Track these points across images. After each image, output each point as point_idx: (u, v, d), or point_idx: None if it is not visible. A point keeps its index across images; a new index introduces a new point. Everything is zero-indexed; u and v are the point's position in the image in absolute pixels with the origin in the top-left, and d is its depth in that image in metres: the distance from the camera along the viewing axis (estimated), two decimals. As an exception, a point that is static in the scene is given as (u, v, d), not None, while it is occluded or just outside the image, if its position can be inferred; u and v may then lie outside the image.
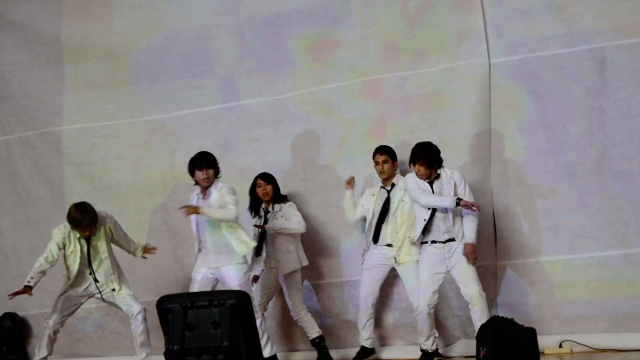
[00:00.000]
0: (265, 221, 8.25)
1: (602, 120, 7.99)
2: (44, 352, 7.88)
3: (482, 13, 8.32)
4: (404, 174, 8.01)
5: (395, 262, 7.91)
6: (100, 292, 7.91)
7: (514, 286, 8.07)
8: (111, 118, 9.53)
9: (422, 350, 7.74)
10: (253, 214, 8.37)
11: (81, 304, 8.08)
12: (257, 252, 8.21)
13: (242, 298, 6.10)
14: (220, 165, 7.72)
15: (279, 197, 8.35)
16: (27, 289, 7.74)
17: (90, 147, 9.55)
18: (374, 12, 8.71)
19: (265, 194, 8.30)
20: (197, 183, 7.71)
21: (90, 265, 7.85)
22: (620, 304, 7.79)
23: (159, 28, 9.48)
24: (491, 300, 7.92)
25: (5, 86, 9.88)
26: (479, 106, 8.27)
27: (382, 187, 8.10)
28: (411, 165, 7.58)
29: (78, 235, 7.80)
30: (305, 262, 8.31)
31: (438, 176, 7.57)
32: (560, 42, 8.13)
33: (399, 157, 8.12)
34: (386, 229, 7.96)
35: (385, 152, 8.08)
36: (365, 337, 8.05)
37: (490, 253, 8.11)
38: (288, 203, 8.34)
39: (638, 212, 7.85)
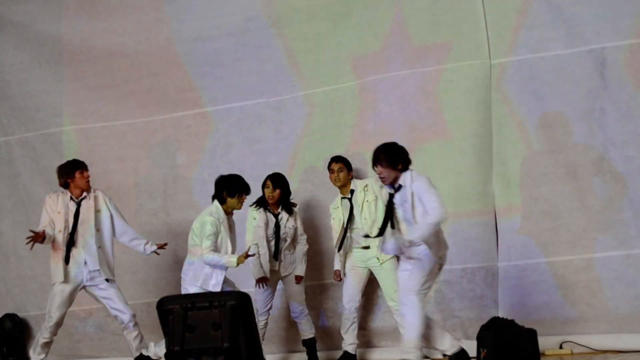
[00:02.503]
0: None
1: (602, 121, 7.98)
2: None
3: (483, 14, 8.32)
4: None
5: (378, 261, 7.89)
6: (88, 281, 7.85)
7: (515, 287, 8.06)
8: (112, 119, 9.53)
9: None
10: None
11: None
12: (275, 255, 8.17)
13: (242, 299, 6.11)
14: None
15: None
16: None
17: (90, 148, 9.54)
18: (374, 13, 8.71)
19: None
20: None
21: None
22: (620, 305, 7.79)
23: (159, 29, 9.48)
24: (492, 302, 7.97)
25: (5, 87, 9.88)
26: (480, 107, 8.27)
27: (342, 197, 8.11)
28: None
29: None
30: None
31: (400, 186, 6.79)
32: (560, 42, 8.13)
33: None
34: (352, 233, 7.98)
35: (340, 161, 8.13)
36: (349, 342, 8.05)
37: (491, 254, 8.12)
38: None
39: (638, 213, 7.84)
